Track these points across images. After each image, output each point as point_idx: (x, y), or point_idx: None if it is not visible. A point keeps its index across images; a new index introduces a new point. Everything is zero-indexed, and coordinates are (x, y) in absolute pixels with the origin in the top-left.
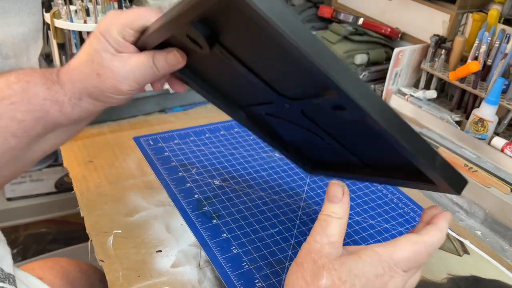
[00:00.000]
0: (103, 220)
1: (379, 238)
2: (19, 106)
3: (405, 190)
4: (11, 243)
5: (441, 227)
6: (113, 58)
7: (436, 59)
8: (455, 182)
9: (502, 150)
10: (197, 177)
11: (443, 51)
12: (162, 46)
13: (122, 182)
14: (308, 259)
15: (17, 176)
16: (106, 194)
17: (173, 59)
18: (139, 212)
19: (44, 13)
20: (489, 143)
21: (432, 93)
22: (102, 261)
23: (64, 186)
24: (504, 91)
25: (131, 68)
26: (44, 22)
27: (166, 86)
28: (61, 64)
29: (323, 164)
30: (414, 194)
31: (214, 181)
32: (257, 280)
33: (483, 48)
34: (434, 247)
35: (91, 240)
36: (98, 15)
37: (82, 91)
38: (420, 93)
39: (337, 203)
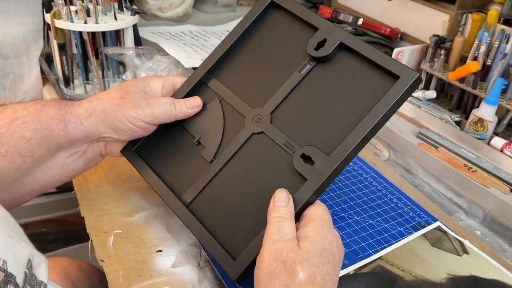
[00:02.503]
0: (103, 220)
1: (378, 238)
2: (30, 125)
3: (405, 190)
4: None
5: None
6: (141, 95)
7: (436, 59)
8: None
9: (501, 150)
10: None
11: (442, 51)
12: None
13: (123, 182)
14: (277, 263)
15: (15, 206)
16: (106, 194)
17: (193, 101)
18: (140, 212)
19: (45, 13)
20: (488, 143)
21: (432, 93)
22: (103, 261)
23: (64, 186)
24: (503, 91)
25: (154, 102)
26: (44, 23)
27: None
28: (61, 63)
29: None
30: (414, 194)
31: None
32: None
33: (483, 48)
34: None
35: (91, 240)
36: (98, 15)
37: (96, 108)
38: (419, 93)
39: (284, 207)
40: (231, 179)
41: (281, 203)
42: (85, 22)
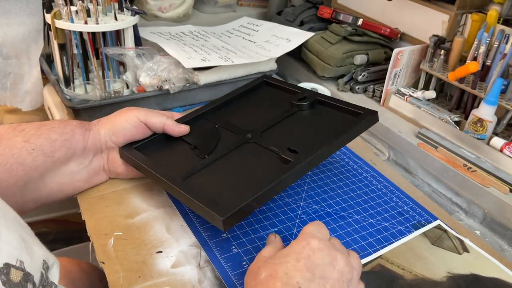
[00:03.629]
0: (104, 223)
1: (378, 236)
2: (56, 129)
3: (405, 189)
4: None
5: None
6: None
7: (435, 60)
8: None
9: (501, 150)
10: None
11: (442, 51)
12: None
13: (123, 185)
14: (251, 277)
15: (25, 211)
16: (107, 197)
17: (184, 126)
18: (140, 214)
19: (45, 13)
20: (488, 143)
21: (431, 93)
22: (103, 262)
23: None
24: (503, 91)
25: (152, 110)
26: (44, 23)
27: (166, 86)
28: (62, 63)
29: None
30: (414, 192)
31: None
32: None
33: (482, 48)
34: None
35: (92, 243)
36: (98, 15)
37: (104, 118)
38: (419, 93)
39: (270, 244)
40: (221, 169)
41: (270, 242)
42: (86, 23)
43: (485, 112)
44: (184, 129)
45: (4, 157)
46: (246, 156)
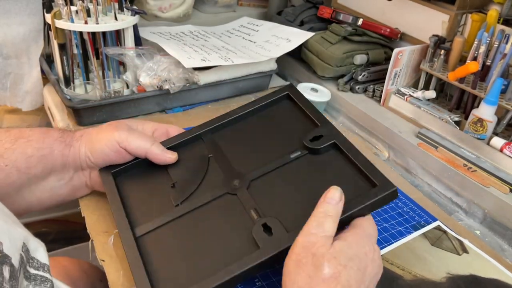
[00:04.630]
0: (103, 220)
1: (378, 237)
2: (33, 143)
3: (405, 190)
4: None
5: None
6: (128, 127)
7: (436, 60)
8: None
9: (501, 150)
10: None
11: (442, 51)
12: None
13: None
14: (306, 254)
15: None
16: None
17: (170, 154)
18: None
19: (45, 13)
20: (488, 143)
21: (431, 93)
22: (103, 260)
23: None
24: (503, 91)
25: (136, 132)
26: (45, 23)
27: (167, 86)
28: (62, 63)
29: None
30: (414, 193)
31: None
32: (257, 279)
33: (482, 48)
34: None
35: (91, 240)
36: (98, 15)
37: (86, 132)
38: (419, 93)
39: (332, 204)
40: (188, 228)
41: (331, 200)
42: (86, 22)
43: (485, 112)
44: (169, 158)
45: None
46: (221, 214)
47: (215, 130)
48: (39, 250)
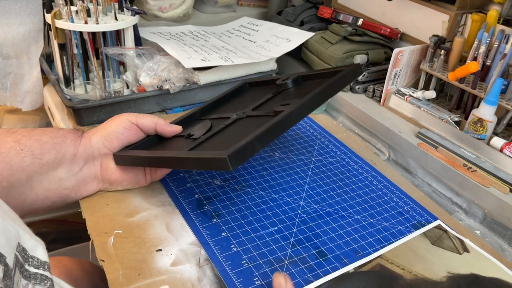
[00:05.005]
0: (104, 221)
1: (378, 236)
2: (49, 132)
3: (405, 189)
4: None
5: None
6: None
7: (436, 60)
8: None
9: (501, 150)
10: (198, 177)
11: (442, 51)
12: None
13: None
14: None
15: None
16: (107, 196)
17: (175, 126)
18: (140, 212)
19: (45, 13)
20: (488, 143)
21: (431, 93)
22: (103, 260)
23: None
24: (503, 91)
25: (142, 115)
26: (45, 23)
27: (167, 86)
28: (62, 63)
29: None
30: (414, 192)
31: (215, 181)
32: (256, 278)
33: (482, 48)
34: None
35: (92, 241)
36: (98, 15)
37: (98, 129)
38: (419, 93)
39: None
40: (221, 137)
41: (280, 286)
42: (86, 22)
43: (485, 112)
44: (175, 128)
45: None
46: (243, 125)
47: (204, 110)
48: (38, 248)
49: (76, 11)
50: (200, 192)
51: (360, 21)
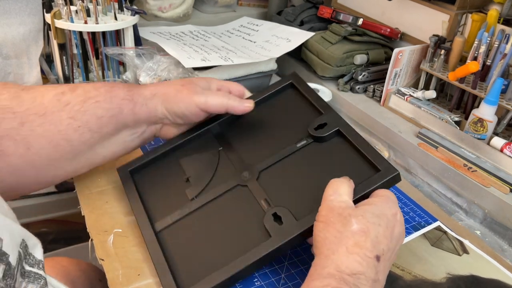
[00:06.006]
0: (103, 219)
1: None
2: (102, 104)
3: (405, 190)
4: None
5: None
6: (201, 87)
7: (436, 59)
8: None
9: (501, 150)
10: None
11: (442, 51)
12: None
13: None
14: (333, 214)
15: (74, 174)
16: (107, 193)
17: (248, 102)
18: None
19: (45, 13)
20: (488, 143)
21: (432, 93)
22: (102, 259)
23: (64, 186)
24: (503, 91)
25: (211, 93)
26: (44, 23)
27: None
28: (62, 63)
29: None
30: (414, 194)
31: None
32: (256, 279)
33: (483, 48)
34: None
35: (91, 239)
36: (98, 15)
37: (159, 91)
38: (419, 93)
39: (345, 178)
40: (204, 220)
41: (342, 178)
42: (85, 22)
43: (485, 112)
44: (248, 106)
45: (50, 133)
46: (234, 205)
47: (222, 122)
48: (36, 247)
49: (76, 11)
50: None
51: (360, 21)
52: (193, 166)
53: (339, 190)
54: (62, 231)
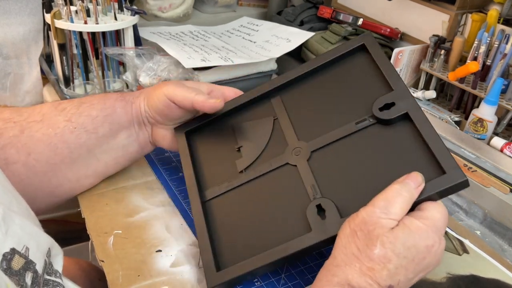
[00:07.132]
0: (104, 221)
1: None
2: (96, 105)
3: None
4: None
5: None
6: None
7: (436, 60)
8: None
9: (501, 150)
10: None
11: (442, 51)
12: None
13: (123, 183)
14: (363, 228)
15: (80, 188)
16: (107, 195)
17: (213, 101)
18: (140, 212)
19: (45, 13)
20: (488, 143)
21: (432, 93)
22: (102, 261)
23: None
24: (503, 91)
25: (184, 84)
26: (44, 23)
27: None
28: (62, 63)
29: None
30: None
31: None
32: (256, 279)
33: (483, 48)
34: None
35: (91, 241)
36: (98, 15)
37: (145, 90)
38: (419, 93)
39: (411, 187)
40: (250, 195)
41: (411, 182)
42: (85, 22)
43: (486, 112)
44: (213, 103)
45: (47, 136)
46: (281, 185)
47: (282, 88)
48: (57, 256)
49: (76, 11)
50: None
51: (360, 21)
52: (246, 134)
53: (391, 206)
54: (62, 231)
